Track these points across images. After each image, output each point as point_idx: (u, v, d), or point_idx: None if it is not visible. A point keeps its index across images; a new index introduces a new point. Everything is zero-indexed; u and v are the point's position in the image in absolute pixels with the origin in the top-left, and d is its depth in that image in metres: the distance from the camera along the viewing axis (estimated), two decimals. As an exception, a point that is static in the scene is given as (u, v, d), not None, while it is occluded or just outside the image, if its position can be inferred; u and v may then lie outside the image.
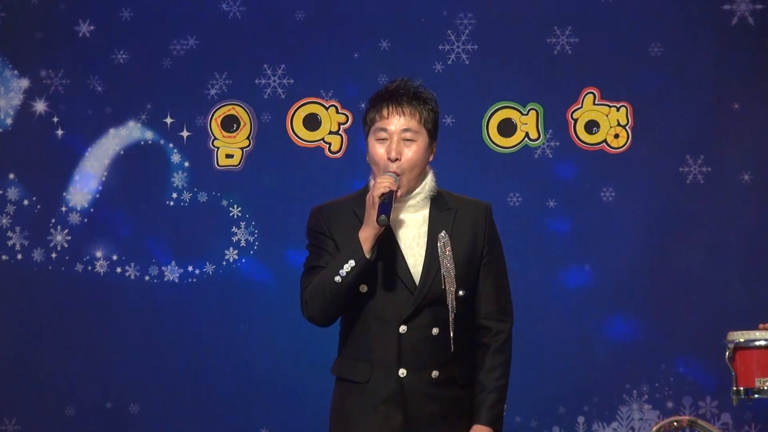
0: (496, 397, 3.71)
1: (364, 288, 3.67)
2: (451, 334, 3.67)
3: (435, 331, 3.67)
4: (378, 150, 3.72)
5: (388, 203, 3.59)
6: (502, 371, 3.75)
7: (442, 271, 3.67)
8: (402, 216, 3.73)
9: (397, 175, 3.69)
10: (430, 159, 3.82)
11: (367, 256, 3.62)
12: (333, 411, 3.81)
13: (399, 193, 3.67)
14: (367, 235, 3.64)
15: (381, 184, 3.63)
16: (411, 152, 3.72)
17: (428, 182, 3.78)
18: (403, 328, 3.67)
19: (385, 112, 3.74)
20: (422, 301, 3.66)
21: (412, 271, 3.69)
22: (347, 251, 3.65)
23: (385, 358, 3.69)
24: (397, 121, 3.73)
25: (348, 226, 3.71)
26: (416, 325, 3.67)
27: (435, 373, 3.68)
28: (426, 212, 3.75)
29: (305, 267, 3.78)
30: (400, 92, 3.78)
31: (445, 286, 3.67)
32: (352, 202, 3.77)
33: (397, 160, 3.70)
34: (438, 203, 3.78)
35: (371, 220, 3.62)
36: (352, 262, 3.63)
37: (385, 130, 3.72)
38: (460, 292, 3.69)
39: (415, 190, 3.74)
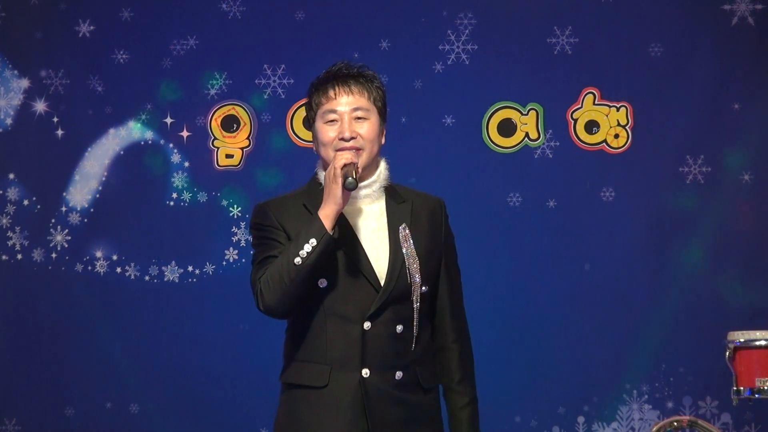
0: (473, 408, 3.56)
1: (323, 282, 3.46)
2: (415, 332, 3.48)
3: (399, 328, 3.47)
4: (328, 133, 3.52)
5: (352, 171, 3.39)
6: (473, 378, 3.58)
7: (407, 264, 3.49)
8: (359, 207, 3.53)
9: (354, 149, 3.48)
10: (382, 142, 3.66)
11: (331, 233, 3.40)
12: (280, 422, 3.59)
13: (360, 170, 3.46)
14: (328, 213, 3.41)
15: (342, 155, 3.43)
16: (365, 130, 3.51)
17: (382, 171, 3.57)
18: (367, 325, 3.45)
19: (332, 93, 3.54)
20: (388, 296, 3.46)
21: (374, 264, 3.48)
22: (307, 231, 3.41)
23: (347, 359, 3.46)
24: (346, 101, 3.52)
25: (300, 219, 3.48)
26: (381, 322, 3.46)
27: (399, 374, 3.47)
28: (382, 203, 3.56)
29: (255, 261, 3.57)
30: (344, 72, 3.58)
31: (410, 282, 3.48)
32: (299, 197, 3.57)
33: (352, 138, 3.50)
34: (392, 195, 3.57)
35: (333, 195, 3.40)
36: (313, 241, 3.39)
37: (334, 111, 3.52)
38: (423, 288, 3.50)
39: (370, 177, 3.55)
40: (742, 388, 4.16)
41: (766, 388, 4.10)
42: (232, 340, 5.46)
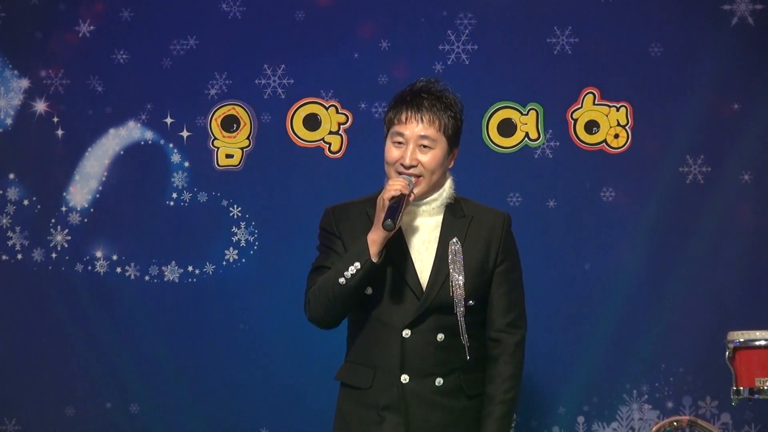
0: (503, 409, 3.62)
1: (369, 290, 3.58)
2: (465, 343, 3.58)
3: (440, 337, 3.58)
4: (393, 153, 3.62)
5: (397, 207, 3.48)
6: (511, 383, 3.65)
7: (451, 278, 3.59)
8: (415, 220, 3.64)
9: (413, 177, 3.59)
10: (450, 166, 3.72)
11: (374, 259, 3.51)
12: (336, 417, 3.73)
13: (412, 197, 3.57)
14: (375, 238, 3.53)
15: (393, 187, 3.53)
16: (427, 159, 3.62)
17: (446, 189, 3.69)
18: (406, 333, 3.57)
19: (403, 117, 3.63)
20: (428, 306, 3.57)
21: (419, 276, 3.59)
22: (353, 253, 3.55)
23: (388, 364, 3.59)
24: (414, 128, 3.62)
25: (359, 228, 3.62)
26: (420, 331, 3.57)
27: (439, 381, 3.58)
28: (440, 218, 3.66)
29: (312, 266, 3.70)
30: (422, 95, 3.66)
31: (453, 294, 3.58)
32: (365, 204, 3.68)
33: (413, 167, 3.61)
34: (454, 210, 3.68)
35: (380, 223, 3.52)
36: (357, 265, 3.52)
37: (402, 134, 3.62)
38: (470, 302, 3.60)
39: (431, 195, 3.66)
40: (741, 388, 4.17)
41: (765, 388, 4.11)
42: (231, 340, 5.46)
